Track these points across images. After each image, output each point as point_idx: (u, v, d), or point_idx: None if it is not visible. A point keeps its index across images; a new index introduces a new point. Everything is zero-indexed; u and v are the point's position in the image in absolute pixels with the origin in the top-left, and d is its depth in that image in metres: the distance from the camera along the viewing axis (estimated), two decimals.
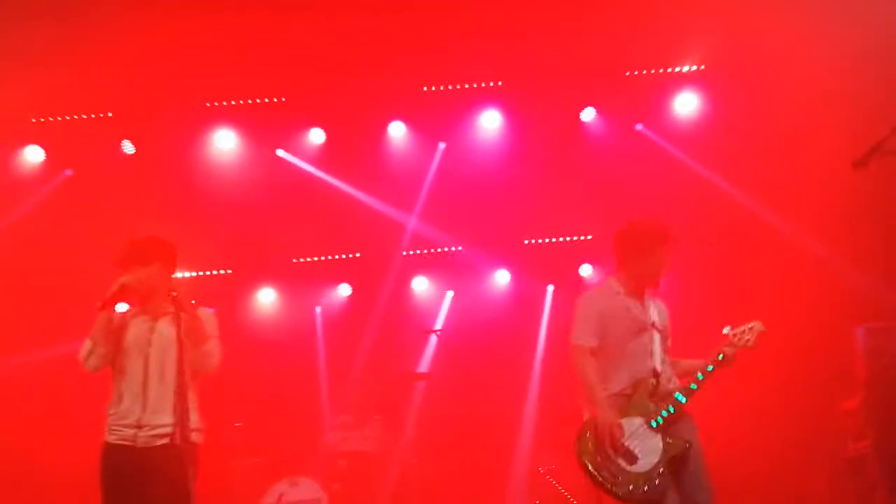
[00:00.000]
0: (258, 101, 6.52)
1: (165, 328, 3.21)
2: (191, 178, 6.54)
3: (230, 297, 7.15)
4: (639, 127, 6.74)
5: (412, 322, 7.06)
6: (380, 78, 6.26)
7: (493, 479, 5.94)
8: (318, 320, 7.31)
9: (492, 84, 6.62)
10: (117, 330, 3.23)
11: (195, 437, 3.06)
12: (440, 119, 6.80)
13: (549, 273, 7.27)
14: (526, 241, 7.30)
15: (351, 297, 7.45)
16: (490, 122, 6.78)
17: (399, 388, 6.28)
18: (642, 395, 3.10)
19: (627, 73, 6.48)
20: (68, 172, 6.53)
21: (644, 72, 6.49)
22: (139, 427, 3.10)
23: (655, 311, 3.30)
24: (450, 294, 7.41)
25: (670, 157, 6.62)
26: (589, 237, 7.27)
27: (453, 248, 7.36)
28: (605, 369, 3.20)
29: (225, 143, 6.62)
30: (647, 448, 2.97)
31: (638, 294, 3.32)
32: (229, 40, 5.64)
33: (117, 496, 3.09)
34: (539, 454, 5.83)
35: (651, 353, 3.16)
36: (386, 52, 5.99)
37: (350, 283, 7.46)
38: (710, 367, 3.12)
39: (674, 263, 3.39)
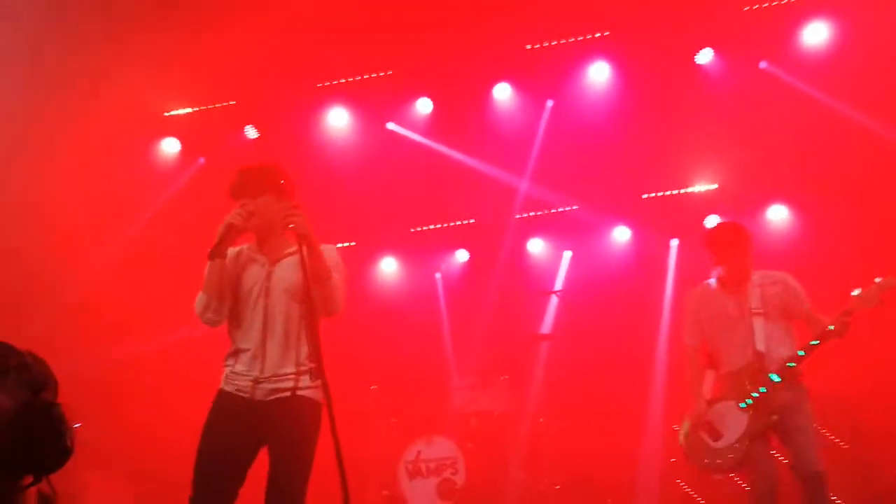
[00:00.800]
0: (366, 76, 6.68)
1: (285, 271, 2.86)
2: (310, 157, 6.83)
3: (355, 267, 7.48)
4: (763, 65, 6.24)
5: (531, 284, 7.06)
6: (482, 40, 6.21)
7: (625, 436, 5.88)
8: (440, 286, 7.49)
9: (598, 35, 6.37)
10: (233, 277, 2.89)
11: (315, 393, 2.81)
12: (546, 76, 6.65)
13: (673, 227, 6.99)
14: (645, 196, 7.05)
15: (469, 263, 7.55)
16: (599, 75, 6.55)
17: (523, 349, 6.32)
18: (742, 378, 3.49)
19: (746, 8, 6.02)
20: (201, 161, 7.04)
21: (766, 4, 5.99)
22: (257, 382, 2.80)
23: (758, 297, 3.57)
24: (567, 254, 7.33)
25: (801, 96, 6.09)
26: (714, 186, 6.91)
27: (568, 208, 7.25)
28: (716, 355, 3.68)
29: (338, 121, 6.86)
30: (732, 426, 3.43)
31: (735, 287, 3.66)
32: (333, 20, 5.81)
33: (221, 443, 2.76)
34: (672, 412, 5.69)
35: (751, 339, 3.49)
36: (486, 13, 5.92)
37: (467, 249, 7.55)
38: (816, 342, 3.38)
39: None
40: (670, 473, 5.10)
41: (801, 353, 3.38)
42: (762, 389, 3.41)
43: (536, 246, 7.46)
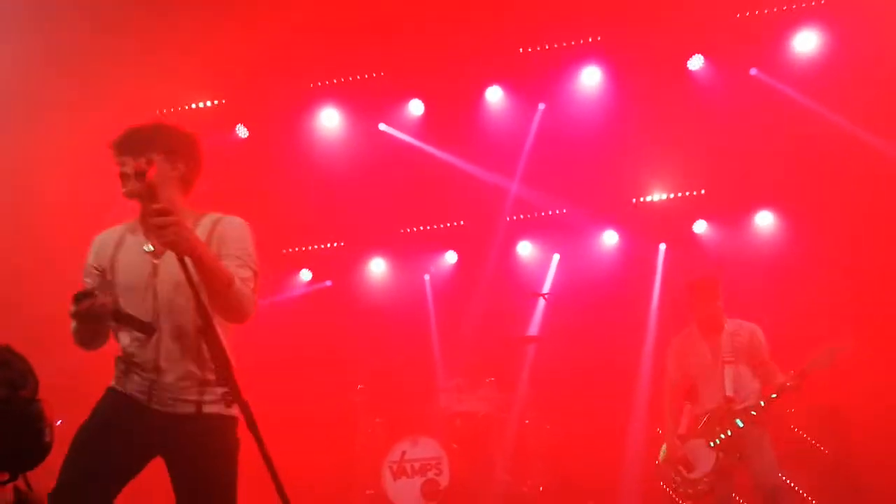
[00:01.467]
0: (358, 77, 6.69)
1: (174, 266, 2.11)
2: (301, 157, 6.83)
3: (344, 268, 7.50)
4: (753, 72, 6.29)
5: (519, 286, 7.09)
6: (474, 43, 6.23)
7: (609, 438, 5.92)
8: (428, 288, 7.51)
9: (590, 39, 6.41)
10: (109, 269, 2.39)
11: (222, 408, 2.22)
12: (538, 80, 6.67)
13: (661, 231, 7.05)
14: (634, 200, 7.10)
15: (458, 265, 7.58)
16: (590, 79, 6.58)
17: (510, 351, 6.35)
18: (712, 419, 4.03)
19: (738, 15, 6.07)
20: None
21: (756, 11, 6.05)
22: (152, 388, 2.32)
23: (729, 345, 4.05)
24: (556, 257, 7.37)
25: (791, 103, 6.14)
26: (702, 192, 6.96)
27: (558, 211, 7.29)
28: (693, 394, 4.19)
29: (330, 121, 6.86)
30: (702, 461, 4.00)
31: (710, 334, 4.16)
32: (325, 21, 5.82)
33: (103, 442, 2.26)
34: (656, 415, 5.74)
35: (722, 385, 4.00)
36: (479, 16, 5.94)
37: (456, 251, 7.58)
38: (775, 395, 3.90)
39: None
40: (653, 476, 5.13)
41: (763, 403, 3.93)
42: (728, 433, 3.96)
43: (525, 249, 7.50)
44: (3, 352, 1.32)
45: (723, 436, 3.96)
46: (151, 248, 2.37)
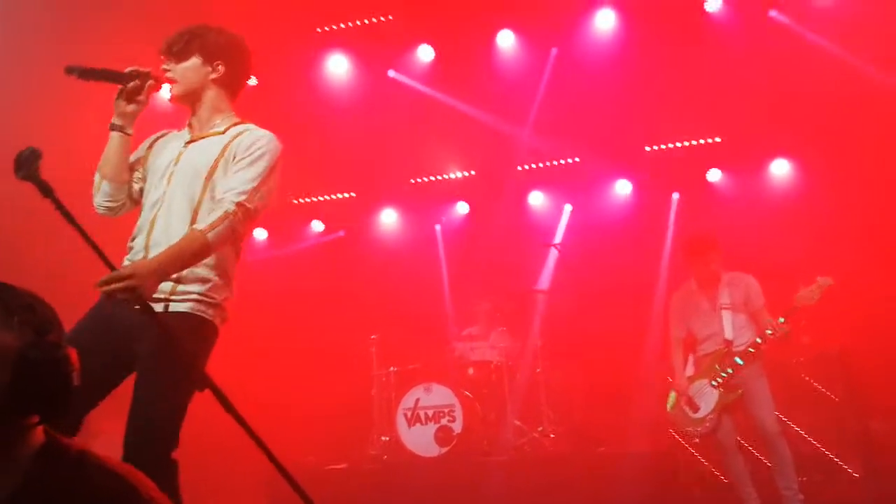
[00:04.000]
0: (366, 21, 6.52)
1: (197, 154, 2.33)
2: (309, 105, 6.73)
3: (356, 218, 7.48)
4: (772, 13, 6.10)
5: (531, 237, 7.06)
6: None
7: (620, 388, 5.97)
8: (439, 238, 7.50)
9: None
10: (149, 159, 2.45)
11: (194, 307, 2.21)
12: (551, 24, 6.50)
13: (674, 180, 6.96)
14: (647, 148, 6.99)
15: (469, 215, 7.54)
16: (604, 23, 6.41)
17: (522, 301, 6.37)
18: (713, 361, 4.24)
19: None
20: None
21: None
22: None
23: (727, 294, 4.29)
24: (568, 207, 7.31)
25: (810, 47, 5.96)
26: (717, 139, 6.84)
27: (569, 160, 7.20)
28: (697, 342, 4.40)
29: (338, 67, 6.73)
30: (706, 400, 4.22)
31: (708, 287, 4.35)
32: None
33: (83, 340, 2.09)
34: (666, 365, 5.77)
35: (721, 329, 4.24)
36: None
37: (467, 202, 7.53)
38: (770, 332, 4.05)
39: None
40: (662, 423, 5.20)
41: (759, 339, 4.12)
42: (729, 371, 4.17)
43: (537, 199, 7.44)
44: (27, 296, 1.31)
45: (724, 374, 4.17)
46: (189, 137, 2.42)
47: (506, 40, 6.61)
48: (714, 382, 4.19)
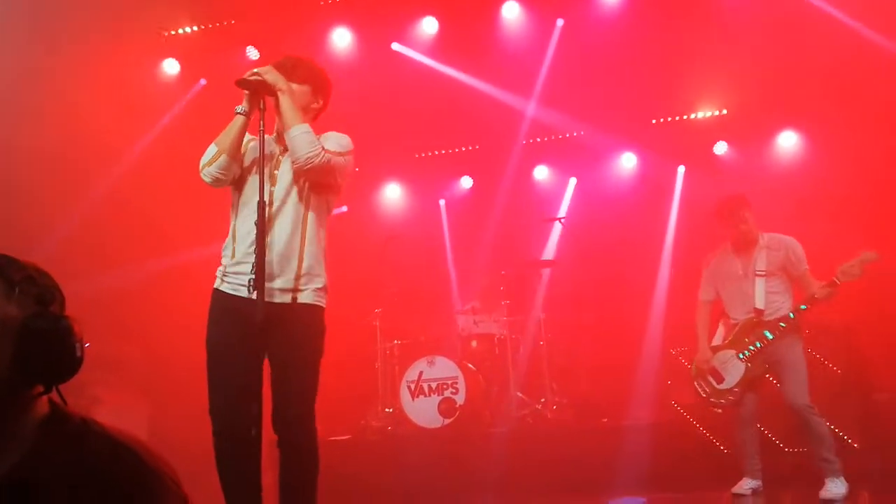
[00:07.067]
0: None
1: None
2: None
3: (360, 193, 7.47)
4: None
5: (536, 211, 7.05)
6: None
7: (623, 361, 6.01)
8: (443, 212, 7.49)
9: None
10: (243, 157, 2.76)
11: (316, 297, 2.70)
12: None
13: (680, 153, 6.91)
14: (653, 121, 6.93)
15: (473, 189, 7.53)
16: None
17: (525, 274, 6.38)
18: (743, 331, 4.09)
19: None
20: (202, 82, 6.90)
21: None
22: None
23: (763, 259, 4.09)
24: (573, 181, 7.28)
25: (819, 16, 5.85)
26: (724, 112, 6.77)
27: (574, 134, 7.15)
28: (727, 310, 4.26)
29: (341, 41, 6.67)
30: (732, 373, 4.09)
31: (744, 250, 4.18)
32: None
33: (226, 352, 2.58)
34: (670, 337, 5.80)
35: (752, 297, 4.07)
36: None
37: (471, 176, 7.51)
38: (804, 307, 3.96)
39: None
40: (665, 395, 5.24)
41: (792, 315, 3.98)
42: (758, 344, 4.02)
43: (542, 172, 7.41)
44: (29, 268, 1.33)
45: (752, 347, 4.03)
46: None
47: (511, 11, 6.53)
48: (742, 355, 4.05)
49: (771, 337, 3.98)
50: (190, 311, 6.14)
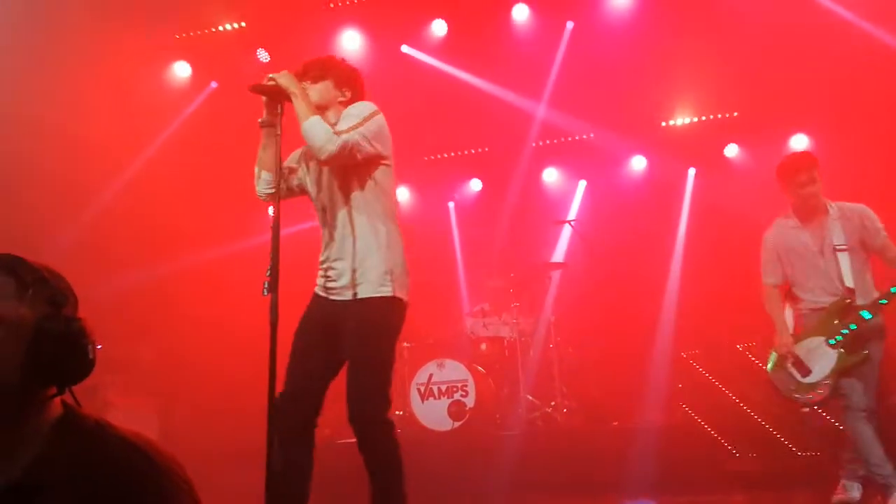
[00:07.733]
0: None
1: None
2: None
3: None
4: None
5: (545, 213, 7.03)
6: None
7: (633, 363, 5.98)
8: (452, 215, 7.49)
9: None
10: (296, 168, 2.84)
11: (376, 288, 2.63)
12: None
13: (691, 155, 6.87)
14: (663, 123, 6.90)
15: (482, 192, 7.52)
16: None
17: (535, 277, 6.37)
18: (831, 314, 3.52)
19: None
20: (214, 85, 6.94)
21: None
22: (326, 276, 2.72)
23: (840, 231, 3.53)
24: (582, 183, 7.26)
25: (830, 18, 5.82)
26: (735, 114, 6.74)
27: (584, 136, 7.13)
28: (799, 293, 3.67)
29: (351, 43, 6.69)
30: (821, 363, 3.49)
31: (812, 220, 3.62)
32: None
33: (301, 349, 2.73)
34: (681, 340, 5.77)
35: (837, 275, 3.50)
36: None
37: (480, 178, 7.50)
38: (893, 289, 3.40)
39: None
40: (676, 398, 5.20)
41: (894, 289, 3.38)
42: (853, 326, 3.45)
43: (551, 175, 7.39)
44: (42, 270, 1.33)
45: (845, 331, 3.46)
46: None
47: (521, 14, 6.53)
48: (832, 341, 3.47)
49: (870, 317, 3.40)
50: (202, 312, 6.24)
